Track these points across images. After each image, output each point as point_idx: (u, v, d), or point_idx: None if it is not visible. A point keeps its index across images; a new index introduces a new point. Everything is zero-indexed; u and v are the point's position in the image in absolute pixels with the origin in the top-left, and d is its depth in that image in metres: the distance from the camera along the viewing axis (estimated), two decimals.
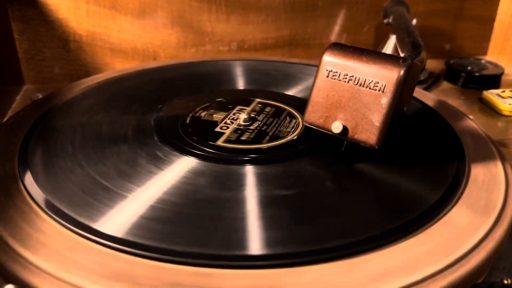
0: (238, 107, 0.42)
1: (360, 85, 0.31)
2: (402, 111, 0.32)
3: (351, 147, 0.33)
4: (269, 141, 0.36)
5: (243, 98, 0.44)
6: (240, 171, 0.32)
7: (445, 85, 0.60)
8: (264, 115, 0.41)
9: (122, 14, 0.57)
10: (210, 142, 0.35)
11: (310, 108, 0.34)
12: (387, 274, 0.23)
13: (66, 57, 0.58)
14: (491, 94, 0.53)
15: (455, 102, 0.54)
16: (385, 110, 0.30)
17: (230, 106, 0.42)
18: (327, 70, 0.33)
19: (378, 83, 0.31)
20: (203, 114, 0.41)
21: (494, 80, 0.59)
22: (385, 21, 0.55)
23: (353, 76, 0.32)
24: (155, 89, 0.47)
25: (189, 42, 0.61)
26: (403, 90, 0.30)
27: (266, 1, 0.61)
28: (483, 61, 0.63)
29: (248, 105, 0.43)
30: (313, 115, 0.34)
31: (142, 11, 0.58)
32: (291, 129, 0.38)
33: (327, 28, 0.65)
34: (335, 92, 0.32)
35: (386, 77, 0.30)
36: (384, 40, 0.57)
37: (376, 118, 0.30)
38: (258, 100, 0.44)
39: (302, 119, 0.34)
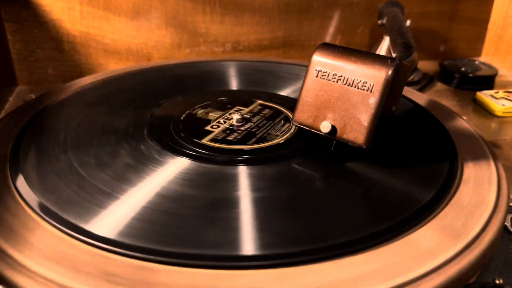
0: (236, 108, 0.42)
1: (348, 85, 0.31)
2: (390, 111, 0.32)
3: (341, 147, 0.33)
4: (254, 143, 0.36)
5: (242, 99, 0.44)
6: (222, 171, 0.32)
7: (439, 86, 0.61)
8: (259, 116, 0.40)
9: (116, 15, 0.57)
10: (195, 140, 0.36)
11: (299, 107, 0.34)
12: (378, 275, 0.23)
13: (59, 58, 0.58)
14: (484, 95, 0.53)
15: (449, 103, 0.55)
16: (373, 110, 0.30)
17: (228, 106, 0.42)
18: (316, 70, 0.33)
19: (366, 83, 0.31)
20: (199, 112, 0.41)
21: (488, 81, 0.59)
22: (379, 22, 0.55)
23: (341, 76, 0.32)
24: (148, 90, 0.47)
25: (183, 43, 0.61)
26: (391, 90, 0.30)
27: (261, 3, 0.61)
28: (477, 62, 0.63)
29: (247, 106, 0.42)
30: (302, 115, 0.34)
31: (136, 12, 0.58)
32: (282, 132, 0.38)
33: (322, 29, 0.65)
34: (324, 92, 0.32)
35: (374, 77, 0.30)
36: (378, 41, 0.57)
37: (364, 118, 0.30)
38: (257, 101, 0.44)
39: (292, 118, 0.34)
